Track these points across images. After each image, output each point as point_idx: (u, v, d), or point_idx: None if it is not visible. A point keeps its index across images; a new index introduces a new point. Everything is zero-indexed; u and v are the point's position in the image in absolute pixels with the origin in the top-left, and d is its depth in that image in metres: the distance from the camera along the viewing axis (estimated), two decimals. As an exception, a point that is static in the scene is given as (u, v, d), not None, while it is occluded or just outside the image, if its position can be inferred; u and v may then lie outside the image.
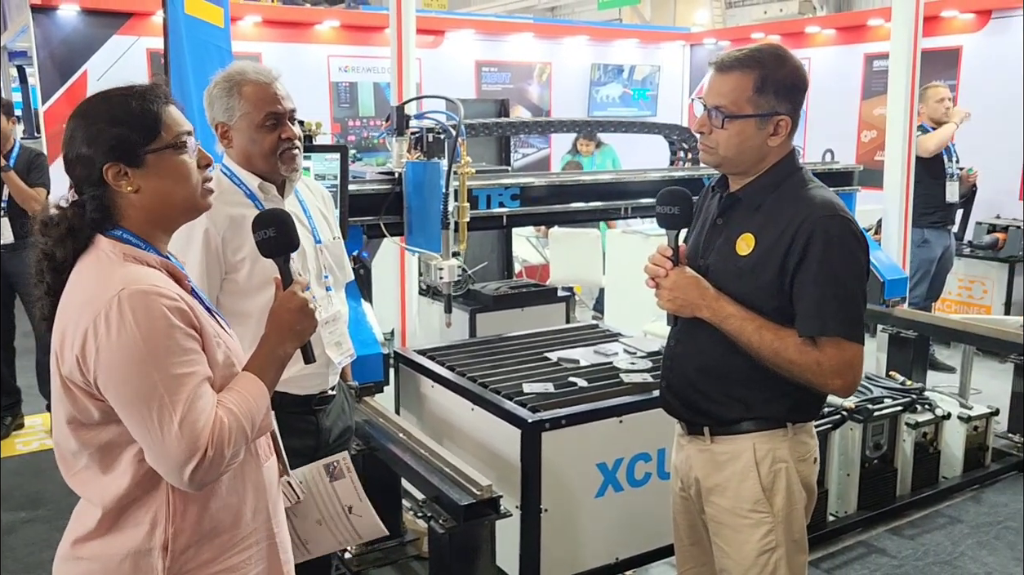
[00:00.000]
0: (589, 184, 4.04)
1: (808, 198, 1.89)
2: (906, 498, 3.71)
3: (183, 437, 1.35)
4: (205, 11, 3.10)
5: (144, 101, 1.47)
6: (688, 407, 2.04)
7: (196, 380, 1.39)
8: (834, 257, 1.82)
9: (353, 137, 8.38)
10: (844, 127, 8.58)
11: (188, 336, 1.40)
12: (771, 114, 1.87)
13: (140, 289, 1.37)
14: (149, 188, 1.47)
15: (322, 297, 2.28)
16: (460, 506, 2.39)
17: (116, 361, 1.35)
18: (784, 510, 1.96)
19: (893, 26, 4.82)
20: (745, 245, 1.90)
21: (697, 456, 2.05)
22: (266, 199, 2.21)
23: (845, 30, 8.97)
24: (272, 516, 1.61)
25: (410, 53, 4.09)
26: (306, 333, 1.64)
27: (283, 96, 2.18)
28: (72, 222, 1.45)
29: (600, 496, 2.87)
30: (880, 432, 3.59)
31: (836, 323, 1.82)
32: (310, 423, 2.31)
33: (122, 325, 1.35)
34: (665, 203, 1.98)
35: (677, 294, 1.93)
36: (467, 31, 9.22)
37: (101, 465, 1.45)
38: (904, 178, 4.82)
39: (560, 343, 3.62)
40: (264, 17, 8.05)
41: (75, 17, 6.80)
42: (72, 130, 1.47)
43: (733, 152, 1.91)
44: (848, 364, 1.83)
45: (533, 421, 2.72)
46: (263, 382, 1.52)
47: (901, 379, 4.03)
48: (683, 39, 10.70)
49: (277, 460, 1.69)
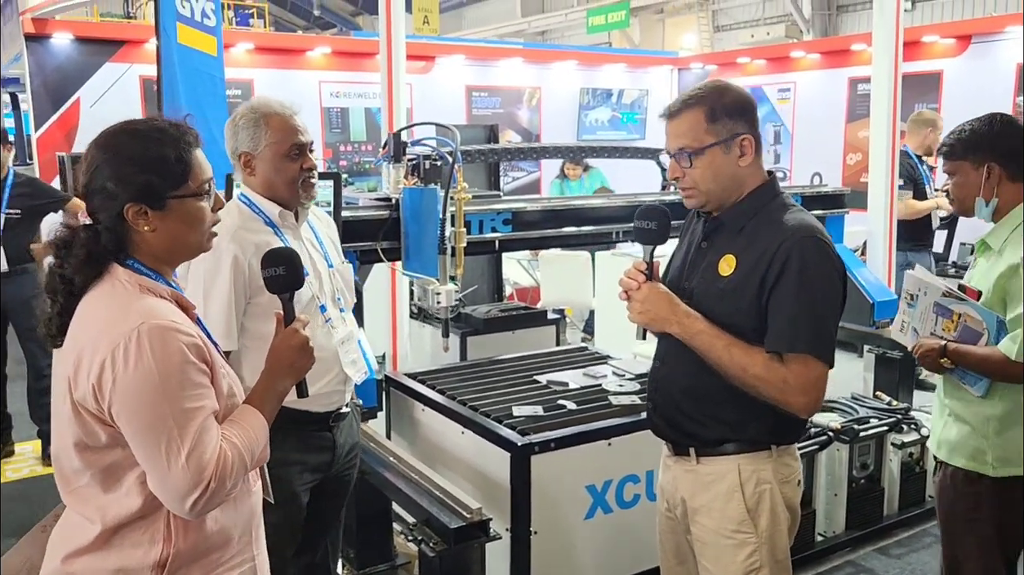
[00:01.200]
0: (581, 209, 4.07)
1: (787, 221, 1.92)
2: (893, 518, 3.73)
3: (189, 469, 1.41)
4: (198, 40, 3.15)
5: (178, 149, 1.52)
6: (674, 428, 2.07)
7: (204, 414, 1.45)
8: (810, 277, 1.86)
9: (344, 162, 8.45)
10: (830, 150, 8.69)
11: (200, 372, 1.46)
12: (732, 137, 1.93)
13: (159, 324, 1.43)
14: (165, 230, 1.52)
15: (336, 318, 2.39)
16: (450, 529, 2.41)
17: (131, 392, 1.41)
18: (768, 531, 1.98)
19: (874, 51, 4.91)
20: (727, 266, 1.94)
21: (683, 476, 2.07)
22: (284, 226, 2.31)
23: (830, 54, 9.11)
24: (255, 540, 1.67)
25: (400, 79, 4.14)
26: (304, 370, 1.70)
27: (303, 129, 2.30)
28: (89, 248, 1.49)
29: (590, 518, 2.89)
30: (867, 452, 3.62)
31: (806, 341, 1.85)
32: (326, 439, 2.39)
33: (140, 358, 1.40)
34: (643, 218, 2.05)
35: (648, 307, 1.96)
36: (457, 56, 9.32)
37: (103, 485, 1.49)
38: (888, 200, 4.90)
39: (550, 366, 3.65)
40: (256, 44, 8.15)
41: (68, 45, 6.87)
42: (98, 161, 1.50)
43: (711, 184, 1.95)
44: (813, 383, 1.86)
45: (523, 444, 2.75)
46: (263, 415, 1.59)
47: (887, 399, 4.06)
48: (671, 63, 10.84)
49: (262, 484, 1.74)
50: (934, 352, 2.31)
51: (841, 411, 3.74)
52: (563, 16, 18.70)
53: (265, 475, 1.75)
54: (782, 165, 9.14)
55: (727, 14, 17.87)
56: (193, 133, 1.57)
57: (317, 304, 2.32)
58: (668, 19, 19.01)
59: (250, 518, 1.65)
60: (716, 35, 17.96)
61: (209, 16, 3.20)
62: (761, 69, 9.82)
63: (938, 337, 2.33)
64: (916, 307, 2.41)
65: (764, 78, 9.62)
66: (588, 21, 15.79)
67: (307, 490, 2.37)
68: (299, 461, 2.32)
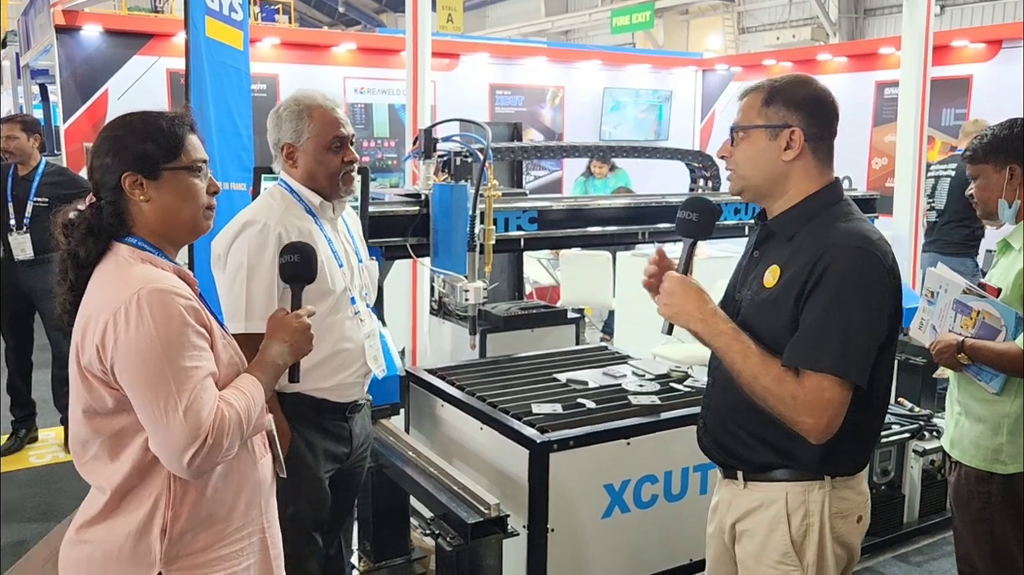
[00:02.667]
0: (606, 208, 4.06)
1: (837, 229, 1.78)
2: (913, 525, 3.70)
3: (187, 424, 1.47)
4: (225, 34, 3.18)
5: (172, 124, 1.62)
6: (721, 449, 1.95)
7: (202, 374, 1.52)
8: (846, 291, 1.70)
9: (367, 158, 8.48)
10: (855, 154, 8.62)
11: (198, 334, 1.53)
12: (781, 126, 1.81)
13: (158, 287, 1.50)
14: (159, 201, 1.60)
15: (364, 312, 2.42)
16: (467, 524, 2.42)
17: (132, 351, 1.48)
18: (815, 566, 1.83)
19: (903, 55, 4.86)
20: (771, 277, 1.82)
21: (731, 500, 1.96)
22: (323, 216, 2.34)
23: (857, 58, 9.03)
24: (264, 512, 1.71)
25: (426, 75, 4.14)
26: (301, 352, 1.79)
27: (345, 122, 2.33)
28: (91, 223, 1.58)
29: (607, 517, 2.88)
30: (888, 458, 3.59)
31: (830, 360, 1.68)
32: (344, 429, 2.42)
33: (140, 319, 1.47)
34: (686, 208, 1.93)
35: (673, 300, 1.84)
36: (481, 55, 9.33)
37: (111, 453, 1.56)
38: (914, 205, 4.85)
39: (569, 364, 3.64)
40: (282, 39, 8.19)
41: (97, 37, 6.94)
42: (102, 141, 1.61)
43: (749, 169, 1.86)
44: (825, 404, 1.68)
45: (541, 442, 2.75)
46: (261, 383, 1.65)
47: (909, 406, 4.03)
48: (695, 64, 10.78)
49: (273, 460, 1.78)
50: (952, 348, 2.31)
51: (862, 416, 3.71)
52: (587, 16, 18.68)
53: (276, 449, 1.79)
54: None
55: (752, 16, 17.77)
56: (190, 119, 1.67)
57: (349, 295, 2.35)
58: (692, 20, 18.93)
59: (257, 489, 1.69)
60: (741, 37, 17.87)
61: (236, 10, 3.22)
62: (787, 71, 9.75)
63: (956, 334, 2.34)
64: (936, 304, 2.42)
65: (789, 81, 9.54)
66: (612, 21, 15.76)
67: (329, 478, 2.40)
68: (323, 448, 2.36)
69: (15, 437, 4.85)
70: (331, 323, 2.29)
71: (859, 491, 1.88)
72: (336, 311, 2.31)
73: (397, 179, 8.40)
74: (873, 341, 1.73)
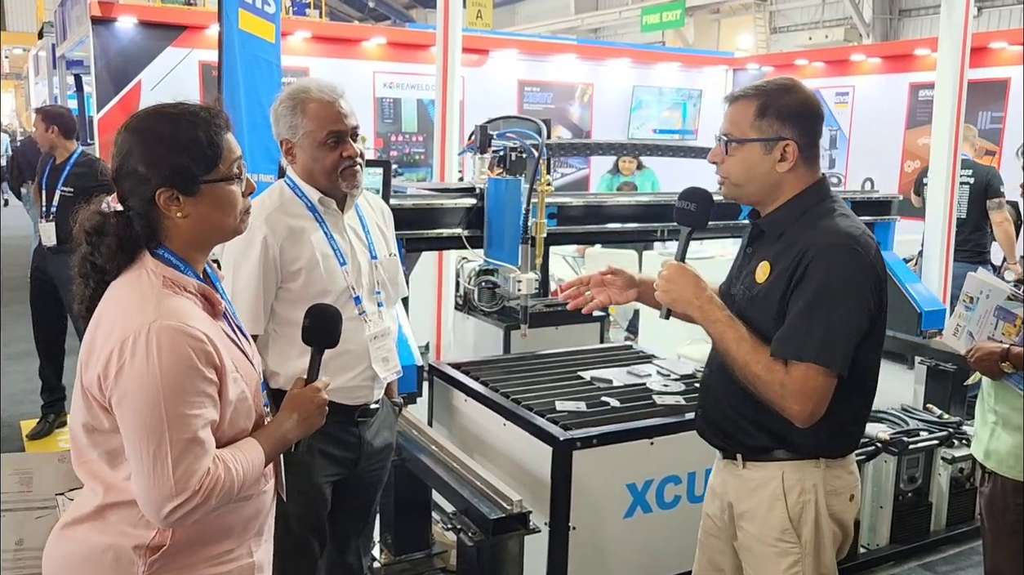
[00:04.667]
0: (627, 205, 4.06)
1: (822, 226, 1.86)
2: (940, 533, 3.65)
3: (174, 476, 1.38)
4: (258, 26, 3.20)
5: (210, 130, 1.49)
6: (721, 433, 2.05)
7: (200, 423, 1.42)
8: (829, 286, 1.79)
9: (395, 152, 8.50)
10: (887, 156, 8.51)
11: (205, 379, 1.43)
12: (775, 139, 1.87)
13: (171, 325, 1.40)
14: (197, 215, 1.49)
15: (372, 312, 2.32)
16: (489, 520, 2.41)
17: (132, 388, 1.39)
18: (812, 543, 1.93)
19: (939, 56, 4.78)
20: (762, 273, 1.91)
21: (731, 481, 2.05)
22: (326, 213, 2.26)
23: (891, 59, 8.91)
24: (257, 537, 1.63)
25: (455, 71, 4.14)
26: (312, 427, 1.67)
27: (346, 114, 2.22)
28: (120, 235, 1.48)
29: (629, 517, 2.87)
30: (915, 465, 3.54)
31: (814, 350, 1.78)
32: (352, 434, 2.34)
33: (147, 355, 1.38)
34: (684, 199, 2.02)
35: (672, 286, 1.94)
36: (511, 51, 9.31)
37: (110, 463, 1.49)
38: (947, 209, 4.77)
39: (594, 363, 3.63)
40: (313, 33, 8.23)
41: (132, 29, 7.01)
42: (130, 144, 1.48)
43: (743, 179, 1.92)
44: (811, 391, 1.79)
45: (565, 439, 2.74)
46: (264, 455, 1.56)
47: (939, 412, 3.97)
48: (726, 64, 10.70)
49: (276, 483, 1.71)
50: (994, 355, 2.26)
51: (891, 422, 3.67)
52: (617, 14, 18.60)
53: (280, 472, 1.73)
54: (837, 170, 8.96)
55: (785, 15, 17.60)
56: (224, 116, 1.53)
57: (351, 295, 2.26)
58: (724, 19, 18.79)
59: (255, 516, 1.61)
60: (773, 37, 17.71)
61: (269, 3, 3.24)
62: (819, 72, 9.65)
63: (997, 341, 2.29)
64: (975, 310, 2.36)
65: (822, 81, 9.45)
66: (642, 20, 15.68)
67: (329, 483, 2.33)
68: (322, 451, 2.27)
69: (44, 421, 4.92)
70: None
71: (850, 471, 1.99)
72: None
73: (424, 174, 8.41)
74: (854, 333, 1.83)
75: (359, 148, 2.26)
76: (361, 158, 2.26)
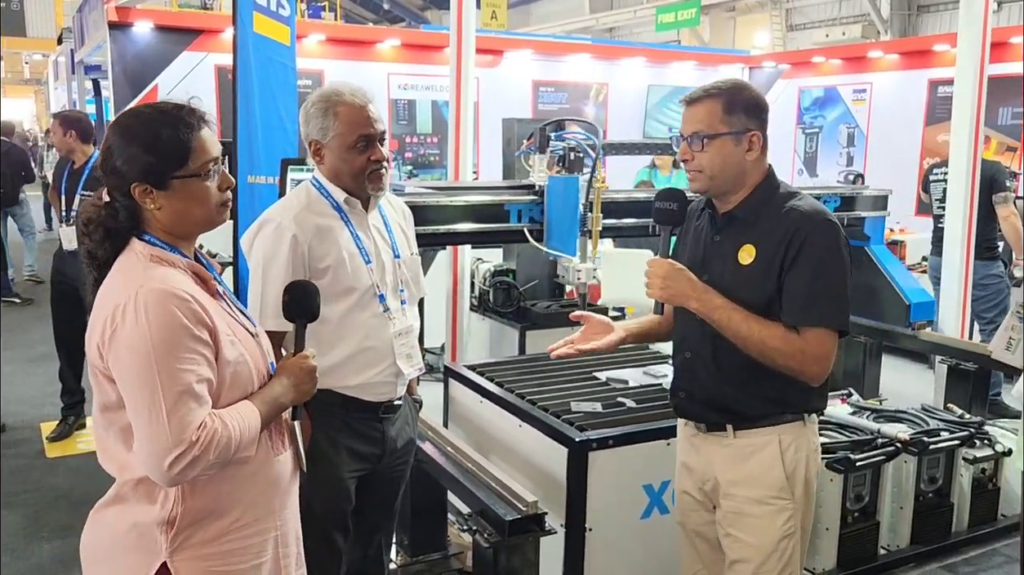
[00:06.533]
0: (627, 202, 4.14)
1: (800, 207, 2.06)
2: (962, 535, 3.59)
3: (170, 426, 1.45)
4: (272, 29, 3.21)
5: (178, 130, 1.58)
6: (713, 409, 2.17)
7: (193, 378, 1.49)
8: (827, 257, 2.00)
9: (410, 154, 8.52)
10: (906, 153, 8.43)
11: (195, 338, 1.51)
12: (744, 131, 2.06)
13: (157, 287, 1.50)
14: (170, 207, 1.60)
15: (396, 310, 2.36)
16: (505, 521, 2.40)
17: (124, 349, 1.48)
18: (803, 498, 2.12)
19: (959, 52, 4.73)
20: (747, 255, 2.07)
21: (718, 452, 2.16)
22: (351, 212, 2.30)
23: (909, 55, 8.83)
24: (278, 509, 1.68)
25: (469, 72, 4.15)
26: (305, 393, 1.74)
27: (375, 119, 2.27)
28: (107, 224, 1.59)
29: (646, 518, 2.85)
30: (936, 466, 3.49)
31: (826, 314, 2.00)
32: (377, 430, 2.37)
33: (135, 318, 1.47)
34: (665, 199, 2.19)
35: (669, 283, 2.08)
36: (525, 51, 9.31)
37: (124, 444, 1.56)
38: (967, 207, 4.71)
39: (610, 363, 3.61)
40: (327, 35, 8.26)
41: (149, 33, 7.07)
42: (111, 144, 1.59)
43: (718, 170, 2.08)
44: (828, 352, 2.01)
45: (580, 440, 2.72)
46: (259, 416, 1.61)
47: (959, 412, 3.91)
48: (742, 62, 10.65)
49: (294, 455, 1.76)
50: None
51: (911, 422, 3.62)
52: (632, 13, 18.53)
53: (298, 443, 1.78)
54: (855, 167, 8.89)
55: (801, 12, 17.48)
56: (197, 114, 1.61)
57: (376, 293, 2.30)
58: (739, 17, 18.68)
59: (273, 486, 1.67)
60: (789, 34, 17.58)
61: (284, 6, 3.25)
62: (836, 69, 9.58)
63: None
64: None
65: (839, 78, 9.38)
66: (657, 19, 15.61)
67: (354, 479, 2.36)
68: (348, 447, 2.31)
69: (64, 424, 4.96)
70: (355, 321, 2.25)
71: (817, 428, 2.22)
72: (361, 309, 2.26)
73: (439, 175, 8.43)
74: (850, 295, 2.05)
75: (385, 152, 2.30)
76: (388, 161, 2.31)
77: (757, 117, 2.08)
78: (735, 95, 2.07)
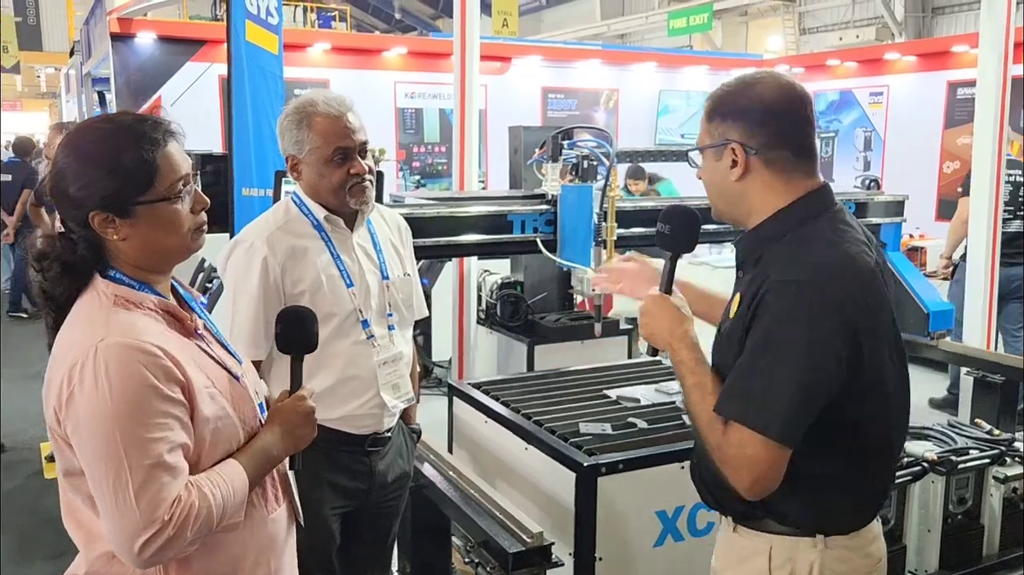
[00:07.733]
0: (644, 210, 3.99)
1: (787, 257, 1.53)
2: (993, 558, 3.43)
3: (138, 507, 1.26)
4: (262, 38, 3.14)
5: (141, 148, 1.36)
6: (709, 491, 1.76)
7: (165, 447, 1.29)
8: (778, 333, 1.47)
9: (418, 163, 8.43)
10: (925, 157, 8.27)
11: (166, 398, 1.30)
12: (721, 144, 1.59)
13: (119, 342, 1.29)
14: (137, 237, 1.38)
15: (382, 336, 2.21)
16: (508, 553, 2.28)
17: (84, 416, 1.28)
18: None
19: (981, 52, 4.59)
20: (734, 306, 1.63)
21: (721, 542, 1.79)
22: (333, 231, 2.16)
23: (927, 56, 8.68)
24: (274, 572, 1.52)
25: (474, 79, 4.06)
26: (304, 440, 1.55)
27: (354, 129, 2.10)
28: (64, 259, 1.38)
29: (659, 546, 2.72)
30: (965, 486, 3.33)
31: (748, 411, 1.48)
32: (363, 464, 2.24)
33: (95, 379, 1.27)
34: (662, 219, 1.74)
35: (648, 320, 1.68)
36: (534, 58, 9.22)
37: (94, 510, 1.37)
38: (992, 211, 4.56)
39: (620, 379, 3.48)
40: (333, 44, 8.20)
41: (151, 44, 7.04)
42: (61, 166, 1.37)
43: (712, 193, 1.68)
44: (747, 462, 1.48)
45: (589, 465, 2.59)
46: (247, 475, 1.42)
47: (988, 428, 3.75)
48: (755, 66, 10.51)
49: (289, 506, 1.59)
50: None
51: (937, 440, 3.46)
52: (643, 19, 18.46)
53: (293, 496, 1.61)
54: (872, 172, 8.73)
55: (814, 16, 17.34)
56: (162, 128, 1.40)
57: (358, 318, 2.15)
58: (752, 21, 18.57)
59: (267, 546, 1.49)
60: (802, 38, 17.45)
61: (273, 14, 3.18)
62: (851, 72, 9.43)
63: None
64: None
65: (855, 81, 9.23)
66: (669, 24, 15.51)
67: (337, 516, 2.22)
68: (329, 482, 2.17)
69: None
70: (335, 349, 2.10)
71: (865, 553, 1.63)
72: (342, 335, 2.12)
73: (447, 185, 8.33)
74: (806, 392, 1.47)
75: (368, 164, 2.15)
76: (370, 174, 2.15)
77: (739, 123, 1.57)
78: (722, 97, 1.62)
